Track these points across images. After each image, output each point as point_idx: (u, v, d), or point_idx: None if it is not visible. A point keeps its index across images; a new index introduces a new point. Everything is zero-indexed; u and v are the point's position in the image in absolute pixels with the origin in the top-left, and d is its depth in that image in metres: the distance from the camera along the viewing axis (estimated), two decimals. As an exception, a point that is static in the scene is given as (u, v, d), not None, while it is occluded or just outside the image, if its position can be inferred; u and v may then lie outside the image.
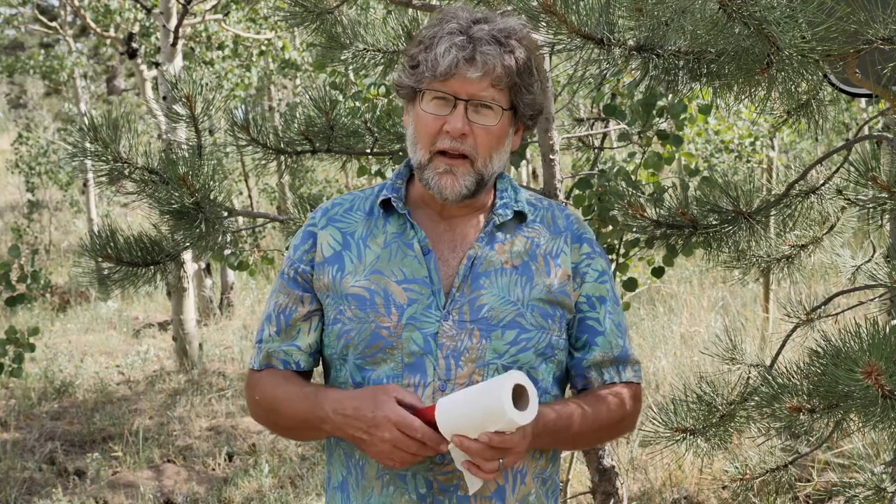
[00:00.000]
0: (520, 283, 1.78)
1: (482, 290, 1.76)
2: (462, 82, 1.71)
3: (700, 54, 1.83)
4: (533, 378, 1.76)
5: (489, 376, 1.73)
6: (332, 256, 1.83)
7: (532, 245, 1.82)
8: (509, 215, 1.82)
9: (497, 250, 1.80)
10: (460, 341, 1.73)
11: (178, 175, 2.73)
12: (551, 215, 1.87)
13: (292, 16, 2.94)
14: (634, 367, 1.88)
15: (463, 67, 1.70)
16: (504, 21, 1.76)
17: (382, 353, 1.75)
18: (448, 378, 1.72)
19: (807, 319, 2.87)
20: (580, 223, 1.88)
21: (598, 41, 1.81)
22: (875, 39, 1.76)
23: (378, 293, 1.77)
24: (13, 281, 4.98)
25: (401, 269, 1.78)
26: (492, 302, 1.75)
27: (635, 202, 2.66)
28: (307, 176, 11.93)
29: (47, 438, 6.14)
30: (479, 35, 1.71)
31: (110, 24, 9.81)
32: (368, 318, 1.76)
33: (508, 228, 1.83)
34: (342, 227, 1.85)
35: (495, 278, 1.77)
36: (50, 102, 20.46)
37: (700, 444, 2.70)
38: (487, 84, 1.71)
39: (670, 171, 7.81)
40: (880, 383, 1.69)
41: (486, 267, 1.78)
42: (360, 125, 3.15)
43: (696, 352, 5.98)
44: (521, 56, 1.73)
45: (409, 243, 1.79)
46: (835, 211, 2.87)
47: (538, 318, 1.77)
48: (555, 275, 1.80)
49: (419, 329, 1.74)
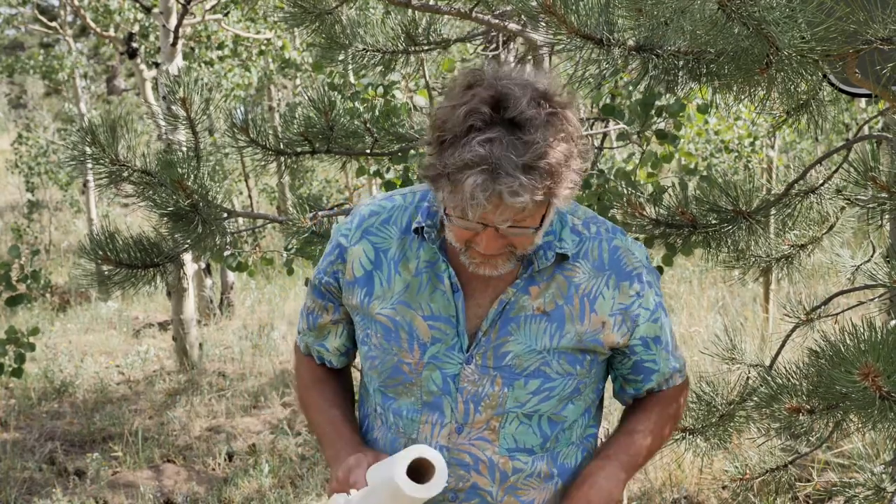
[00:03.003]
0: (549, 330, 1.70)
1: (509, 337, 1.69)
2: (491, 217, 1.54)
3: (699, 54, 1.83)
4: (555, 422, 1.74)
5: (507, 423, 1.71)
6: (363, 277, 1.76)
7: (569, 286, 1.71)
8: (550, 260, 1.69)
9: (531, 294, 1.70)
10: (482, 387, 1.70)
11: (174, 178, 2.73)
12: (598, 247, 1.73)
13: (292, 16, 2.94)
14: (682, 373, 1.87)
15: (490, 213, 1.52)
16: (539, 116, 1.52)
17: (403, 387, 1.74)
18: (465, 422, 1.71)
19: (806, 319, 2.88)
20: (629, 253, 1.74)
21: (597, 41, 1.80)
22: (874, 39, 1.76)
23: (403, 326, 1.72)
24: (13, 281, 4.98)
25: (429, 304, 1.71)
26: (517, 350, 1.69)
27: (635, 201, 2.66)
28: (307, 176, 11.93)
29: (47, 438, 6.14)
30: (506, 168, 1.48)
31: (110, 24, 9.80)
32: (392, 351, 1.73)
33: (548, 269, 1.71)
34: (376, 243, 1.76)
35: (524, 324, 1.69)
36: (50, 102, 20.46)
37: (700, 444, 2.70)
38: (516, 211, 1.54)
39: (670, 170, 7.79)
40: (877, 385, 1.69)
41: (517, 312, 1.70)
42: (359, 126, 3.15)
43: (696, 352, 5.98)
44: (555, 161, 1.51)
45: (440, 276, 1.71)
46: (834, 211, 2.87)
47: (565, 365, 1.71)
48: (588, 321, 1.71)
49: (440, 369, 1.71)
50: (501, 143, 1.49)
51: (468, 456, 1.71)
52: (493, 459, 1.71)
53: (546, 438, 1.74)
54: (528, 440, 1.73)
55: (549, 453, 1.76)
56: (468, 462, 1.71)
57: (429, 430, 1.72)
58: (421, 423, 1.73)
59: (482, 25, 3.19)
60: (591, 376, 1.76)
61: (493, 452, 1.71)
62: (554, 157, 1.51)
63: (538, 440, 1.74)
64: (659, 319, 1.77)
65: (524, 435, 1.72)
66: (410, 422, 1.74)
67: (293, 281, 10.08)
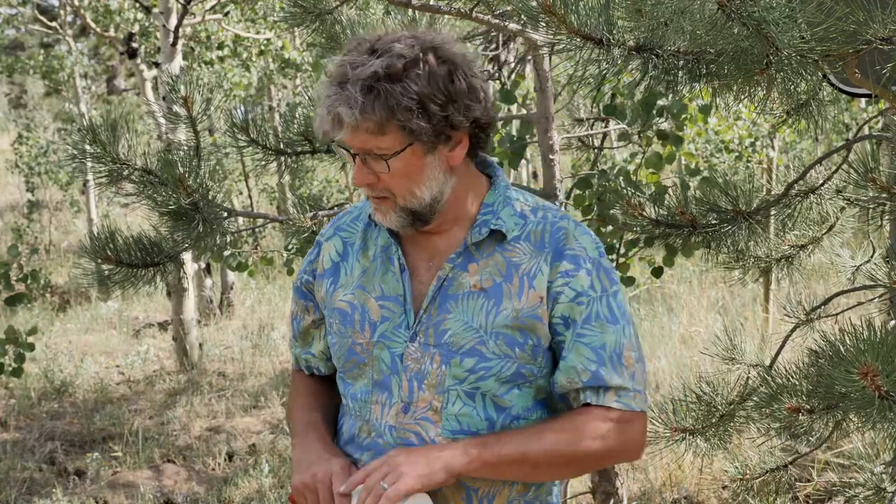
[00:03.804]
0: (486, 307, 1.69)
1: (448, 315, 1.70)
2: (346, 138, 1.64)
3: (699, 54, 1.83)
4: (500, 406, 1.70)
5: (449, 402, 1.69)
6: (331, 269, 1.83)
7: (508, 265, 1.71)
8: (483, 234, 1.72)
9: (470, 271, 1.72)
10: (424, 364, 1.70)
11: (175, 176, 2.73)
12: (541, 230, 1.74)
13: (292, 16, 2.94)
14: (621, 394, 1.70)
15: (334, 130, 1.63)
16: (394, 46, 1.62)
17: (358, 369, 1.76)
18: (410, 400, 1.71)
19: (806, 319, 2.88)
20: (570, 237, 1.73)
21: (597, 41, 1.81)
22: (874, 39, 1.76)
23: (358, 309, 1.76)
24: (12, 281, 4.98)
25: (381, 285, 1.76)
26: (454, 327, 1.69)
27: (635, 202, 2.66)
28: (307, 176, 11.92)
29: (47, 438, 6.15)
30: (347, 87, 1.59)
31: (110, 24, 9.81)
32: (347, 334, 1.77)
33: (486, 247, 1.73)
34: (345, 237, 1.84)
35: (462, 301, 1.70)
36: (50, 102, 20.47)
37: (700, 444, 2.70)
38: (366, 136, 1.62)
39: (670, 170, 7.79)
40: (876, 384, 1.69)
41: (455, 289, 1.71)
42: (359, 125, 3.14)
43: (696, 352, 5.98)
44: (400, 88, 1.59)
45: (391, 258, 1.76)
46: (834, 211, 2.87)
47: (502, 346, 1.68)
48: (526, 298, 1.69)
49: (388, 348, 1.73)
50: (354, 64, 1.61)
51: (414, 436, 1.70)
52: (437, 441, 1.69)
53: (491, 423, 1.70)
54: (472, 423, 1.70)
55: None
56: (413, 442, 1.70)
57: (379, 410, 1.73)
58: (372, 403, 1.74)
59: (482, 25, 3.19)
60: (536, 363, 1.71)
61: (437, 434, 1.69)
62: (401, 88, 1.59)
63: (483, 423, 1.70)
64: (584, 305, 1.69)
65: (468, 417, 1.69)
66: (364, 403, 1.75)
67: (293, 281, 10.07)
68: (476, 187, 1.76)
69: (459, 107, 1.64)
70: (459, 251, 1.72)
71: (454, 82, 1.63)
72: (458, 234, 1.75)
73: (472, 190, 1.75)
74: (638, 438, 1.73)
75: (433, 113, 1.62)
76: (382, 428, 1.72)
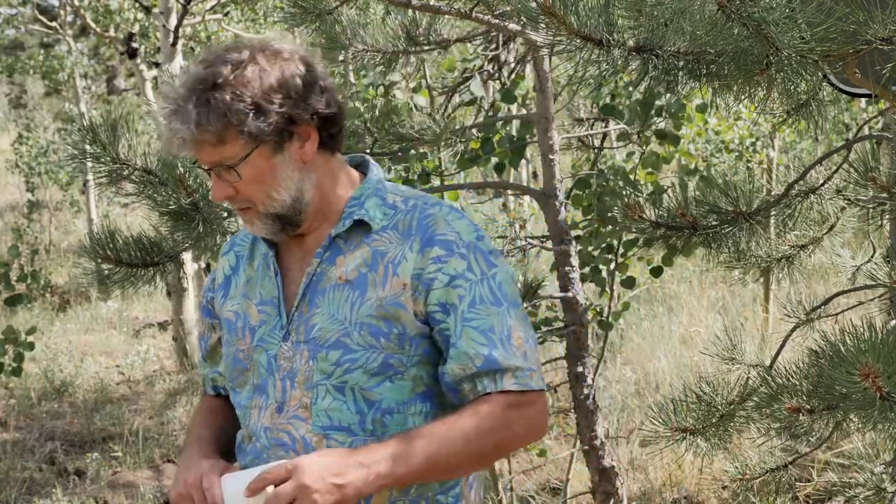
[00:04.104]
0: (350, 298, 1.67)
1: (316, 309, 1.69)
2: (194, 155, 1.65)
3: (699, 55, 1.83)
4: (370, 400, 1.65)
5: (318, 398, 1.66)
6: (223, 283, 1.84)
7: (374, 255, 1.68)
8: (346, 226, 1.70)
9: (337, 264, 1.70)
10: (294, 362, 1.68)
11: (175, 176, 2.73)
12: (409, 218, 1.70)
13: (292, 16, 2.93)
14: (518, 374, 1.64)
15: (178, 149, 1.62)
16: (221, 55, 1.63)
17: (242, 376, 1.75)
18: (283, 400, 1.68)
19: (806, 319, 2.88)
20: (440, 222, 1.68)
21: (597, 42, 1.80)
22: (874, 39, 1.76)
23: (241, 317, 1.76)
24: (13, 281, 4.98)
25: (261, 290, 1.75)
26: (322, 321, 1.67)
27: (634, 203, 2.66)
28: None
29: (47, 438, 6.14)
30: (179, 104, 1.60)
31: (110, 24, 9.81)
32: (233, 342, 1.77)
33: (353, 240, 1.71)
34: (238, 251, 1.85)
35: (329, 295, 1.68)
36: (50, 102, 20.46)
37: (700, 444, 2.70)
38: (209, 149, 1.62)
39: (669, 171, 7.79)
40: (877, 385, 1.69)
41: (324, 284, 1.69)
42: (359, 126, 3.15)
43: (696, 352, 5.98)
44: (230, 94, 1.58)
45: (269, 263, 1.76)
46: (835, 211, 2.87)
47: (366, 337, 1.65)
48: (390, 285, 1.66)
49: (265, 350, 1.72)
50: (183, 80, 1.62)
51: (286, 435, 1.68)
52: (307, 438, 1.66)
53: (363, 416, 1.65)
54: (342, 417, 1.65)
55: (377, 439, 1.64)
56: (286, 441, 1.68)
57: (257, 414, 1.71)
58: (252, 408, 1.72)
59: (482, 25, 3.19)
60: (404, 352, 1.66)
61: (307, 431, 1.66)
62: (231, 94, 1.58)
63: (354, 417, 1.65)
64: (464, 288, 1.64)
65: (338, 412, 1.66)
66: (246, 410, 1.74)
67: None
68: (344, 183, 1.74)
69: (297, 101, 1.63)
70: (325, 245, 1.71)
71: (287, 78, 1.63)
72: (327, 230, 1.73)
73: (339, 185, 1.73)
74: (541, 418, 1.68)
75: (270, 112, 1.61)
76: (259, 431, 1.70)
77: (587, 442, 3.56)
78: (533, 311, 4.20)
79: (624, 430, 5.44)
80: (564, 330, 3.57)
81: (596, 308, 4.22)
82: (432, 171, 4.21)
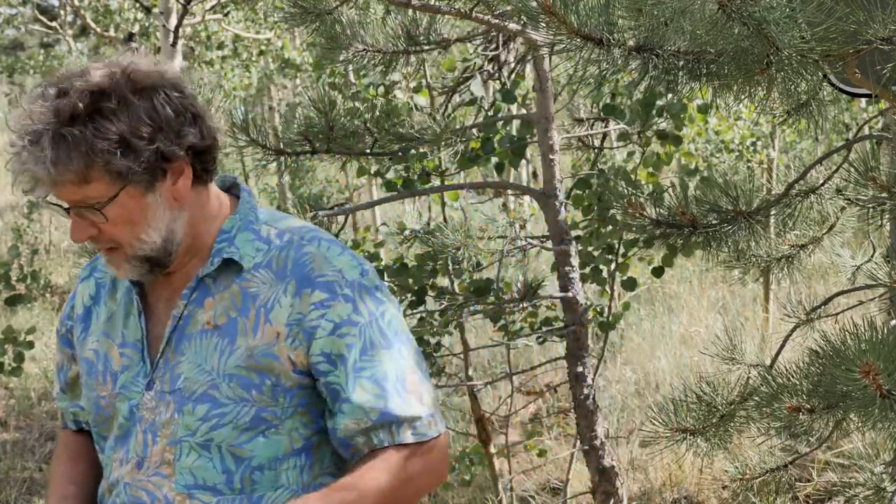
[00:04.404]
0: (219, 346, 1.52)
1: (182, 357, 1.53)
2: (52, 193, 1.47)
3: (699, 54, 1.83)
4: (239, 457, 1.52)
5: (182, 454, 1.52)
6: (83, 313, 1.68)
7: (245, 297, 1.53)
8: (215, 265, 1.54)
9: (205, 307, 1.54)
10: (158, 415, 1.53)
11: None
12: (284, 256, 1.54)
13: (292, 16, 2.94)
14: (415, 424, 1.52)
15: (33, 189, 1.45)
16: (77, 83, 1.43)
17: (106, 424, 1.61)
18: (145, 455, 1.54)
19: (807, 319, 2.88)
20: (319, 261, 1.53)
21: (597, 41, 1.80)
22: (874, 39, 1.76)
23: (101, 358, 1.61)
24: (13, 281, 4.98)
25: (123, 330, 1.60)
26: (188, 371, 1.52)
27: (635, 202, 2.66)
28: (307, 176, 11.94)
29: (47, 438, 6.14)
30: (33, 141, 1.41)
31: (110, 24, 9.81)
32: (93, 386, 1.62)
33: (223, 279, 1.55)
34: (99, 279, 1.68)
35: (196, 341, 1.53)
36: (50, 102, 20.47)
37: (700, 444, 2.70)
38: (71, 188, 1.44)
39: (670, 170, 7.79)
40: (878, 383, 1.69)
41: (191, 328, 1.54)
42: (359, 126, 3.15)
43: (696, 352, 5.98)
44: (93, 129, 1.40)
45: (132, 300, 1.60)
46: (835, 211, 2.87)
47: (237, 389, 1.50)
48: (262, 333, 1.51)
49: (128, 399, 1.57)
50: (36, 113, 1.42)
51: (145, 494, 1.54)
52: (169, 497, 1.53)
53: (230, 475, 1.52)
54: (207, 476, 1.52)
55: (247, 497, 1.53)
56: (144, 500, 1.54)
57: (118, 467, 1.58)
58: (114, 460, 1.59)
59: (482, 25, 3.19)
60: (280, 406, 1.52)
61: (170, 489, 1.53)
62: (93, 129, 1.41)
63: (220, 476, 1.52)
64: (353, 335, 1.50)
65: (203, 470, 1.52)
66: (108, 460, 1.61)
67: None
68: (215, 215, 1.58)
69: (169, 135, 1.46)
70: (192, 286, 1.55)
71: (157, 109, 1.45)
72: (196, 267, 1.57)
73: (210, 217, 1.57)
74: (442, 463, 1.58)
75: (139, 149, 1.43)
76: (120, 486, 1.57)
77: (587, 442, 3.57)
78: (533, 311, 4.20)
79: (624, 430, 5.44)
80: (564, 330, 3.57)
81: (596, 308, 4.22)
82: (432, 171, 4.21)
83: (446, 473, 1.63)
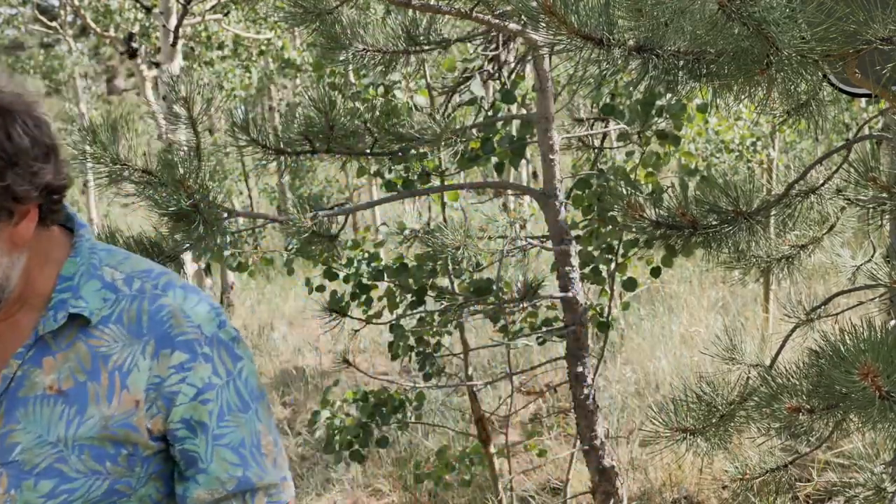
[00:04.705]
0: (66, 415, 1.33)
1: (17, 425, 1.33)
2: None
3: (699, 54, 1.83)
4: None
5: None
6: None
7: (94, 358, 1.34)
8: (59, 321, 1.34)
9: (45, 367, 1.34)
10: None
11: (176, 177, 2.73)
12: (137, 309, 1.36)
13: (292, 16, 2.94)
14: (270, 491, 1.43)
15: None
16: None
17: None
18: None
19: (806, 319, 2.88)
20: (177, 316, 1.37)
21: (597, 41, 1.80)
22: (874, 39, 1.76)
23: None
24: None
25: None
26: (26, 441, 1.33)
27: (634, 203, 2.66)
28: (307, 176, 11.94)
29: None
30: None
31: (110, 24, 9.81)
32: None
33: (66, 335, 1.35)
34: None
35: (35, 408, 1.33)
36: (50, 102, 20.46)
37: (700, 444, 2.70)
38: None
39: (669, 171, 7.79)
40: (877, 384, 1.69)
41: (27, 392, 1.34)
42: (359, 125, 3.15)
43: (696, 352, 5.98)
44: None
45: None
46: (835, 211, 2.87)
47: (88, 461, 1.33)
48: (118, 401, 1.34)
49: None
50: None
51: None
52: None
53: None
54: None
55: None
56: None
57: None
58: None
59: (482, 25, 3.19)
60: (134, 475, 1.38)
61: None
62: None
63: None
64: (212, 400, 1.37)
65: None
66: None
67: (293, 281, 10.09)
68: (53, 258, 1.38)
69: (23, 172, 1.26)
70: (30, 343, 1.35)
71: (12, 139, 1.24)
72: (29, 319, 1.36)
73: (46, 260, 1.37)
74: None
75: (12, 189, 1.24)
76: None
77: (587, 442, 3.57)
78: (533, 311, 4.20)
79: (624, 430, 5.44)
80: (564, 330, 3.57)
81: (596, 308, 4.22)
82: (432, 171, 4.21)
83: None
